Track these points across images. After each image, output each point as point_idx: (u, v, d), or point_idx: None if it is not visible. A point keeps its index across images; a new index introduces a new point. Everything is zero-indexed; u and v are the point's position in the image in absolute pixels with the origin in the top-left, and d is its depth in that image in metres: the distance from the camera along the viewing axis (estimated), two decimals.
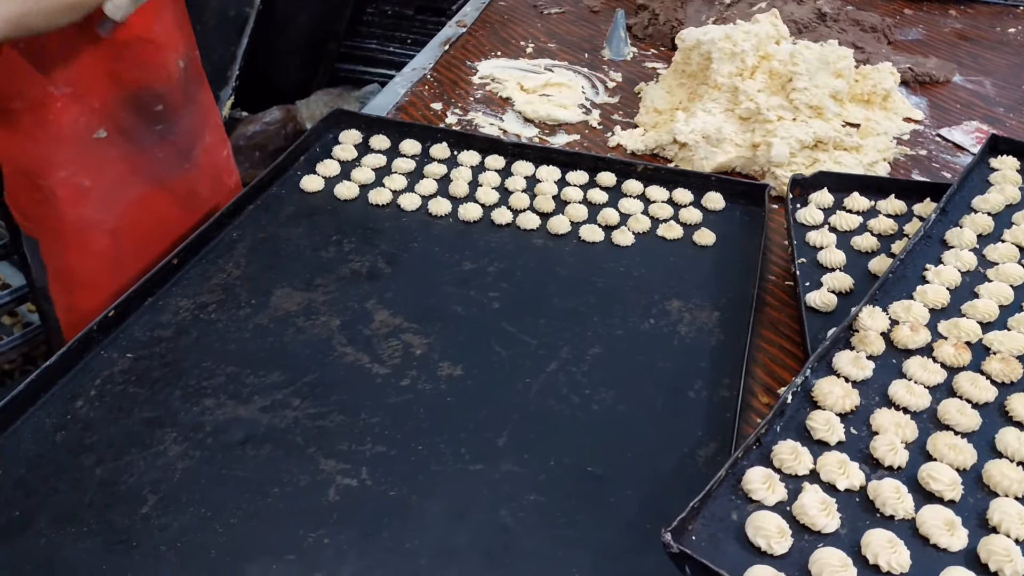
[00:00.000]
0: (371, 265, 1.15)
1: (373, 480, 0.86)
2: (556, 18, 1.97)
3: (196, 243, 1.14)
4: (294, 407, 0.94)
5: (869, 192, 1.23)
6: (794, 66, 1.40)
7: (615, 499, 0.86)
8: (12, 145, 1.18)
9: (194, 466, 0.87)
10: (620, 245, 1.22)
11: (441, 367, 1.00)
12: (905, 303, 0.97)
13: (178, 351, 1.00)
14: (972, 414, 0.84)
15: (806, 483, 0.76)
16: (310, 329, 1.04)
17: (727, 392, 0.98)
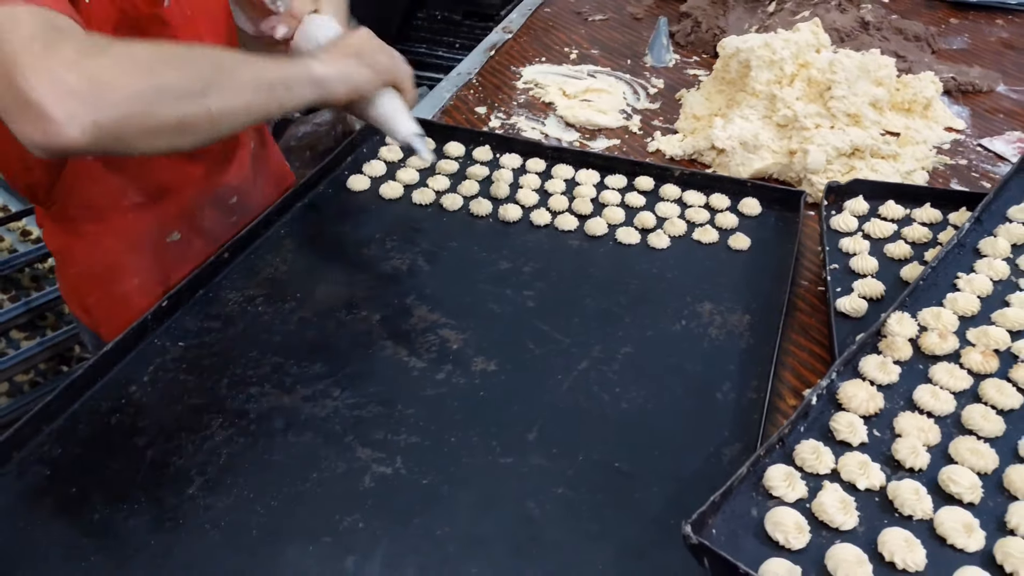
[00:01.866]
0: (411, 262, 1.19)
1: (407, 469, 0.90)
2: (599, 24, 2.00)
3: (245, 239, 1.19)
4: (334, 397, 0.98)
5: (904, 200, 1.24)
6: (833, 74, 1.41)
7: (640, 495, 0.89)
8: (78, 251, 1.17)
9: (238, 450, 0.91)
10: (655, 248, 1.24)
11: (476, 362, 1.03)
12: (935, 310, 0.99)
13: (226, 341, 1.05)
14: (996, 420, 0.85)
15: (826, 482, 0.78)
16: (351, 323, 1.08)
17: (754, 394, 1.00)
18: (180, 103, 0.82)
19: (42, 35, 0.75)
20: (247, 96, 0.89)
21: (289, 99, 0.95)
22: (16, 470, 0.88)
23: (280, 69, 0.95)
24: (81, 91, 0.74)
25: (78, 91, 0.74)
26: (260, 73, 0.92)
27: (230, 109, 0.88)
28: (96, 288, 1.21)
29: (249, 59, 0.92)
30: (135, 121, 0.79)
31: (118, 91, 0.77)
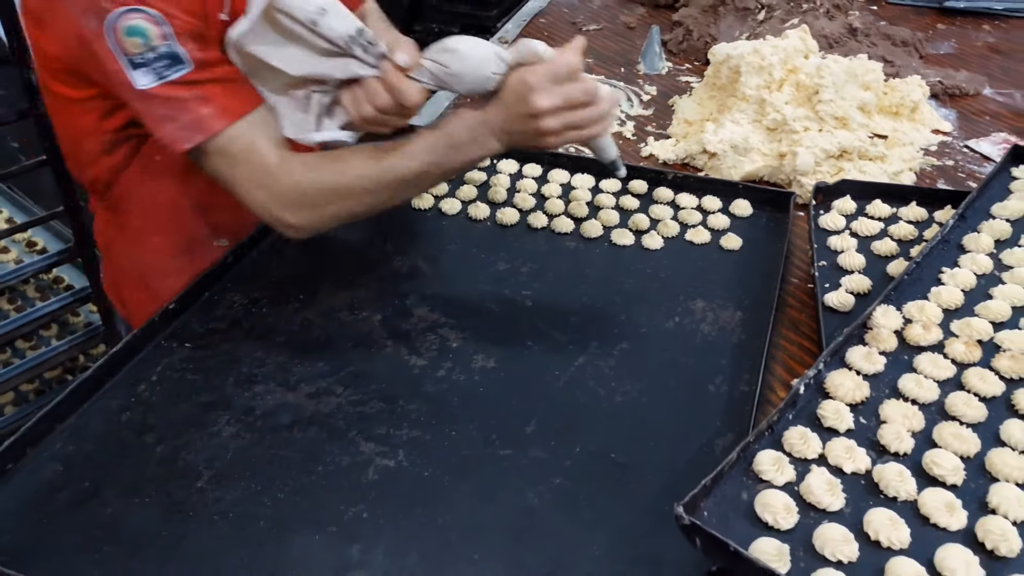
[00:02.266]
0: (412, 265, 1.22)
1: (409, 462, 0.93)
2: (593, 34, 2.04)
3: (249, 244, 1.22)
4: (337, 394, 1.01)
5: (891, 199, 1.27)
6: (820, 79, 1.45)
7: (635, 484, 0.91)
8: (125, 245, 1.24)
9: (245, 446, 0.94)
10: (649, 248, 1.27)
11: (475, 359, 1.06)
12: (919, 303, 1.02)
13: (231, 341, 1.08)
14: (979, 407, 0.88)
15: (814, 466, 0.81)
16: (353, 323, 1.11)
17: (746, 387, 1.03)
18: (358, 217, 1.08)
19: (254, 168, 1.01)
20: (411, 197, 1.14)
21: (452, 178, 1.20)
22: (31, 466, 0.91)
23: (447, 166, 1.05)
24: (295, 229, 1.05)
25: (293, 229, 1.05)
26: (442, 172, 1.06)
27: (399, 206, 1.11)
28: (136, 283, 1.27)
29: (419, 174, 1.04)
30: (332, 229, 1.09)
31: (318, 225, 1.06)
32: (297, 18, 0.96)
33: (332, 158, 1.04)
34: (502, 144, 1.02)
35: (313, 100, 1.06)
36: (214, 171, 1.03)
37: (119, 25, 0.93)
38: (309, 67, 1.01)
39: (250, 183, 1.02)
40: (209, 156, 1.01)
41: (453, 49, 1.01)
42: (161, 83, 0.96)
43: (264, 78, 1.04)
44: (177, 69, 0.96)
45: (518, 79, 0.98)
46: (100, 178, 1.19)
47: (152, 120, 0.99)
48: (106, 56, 0.95)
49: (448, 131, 1.02)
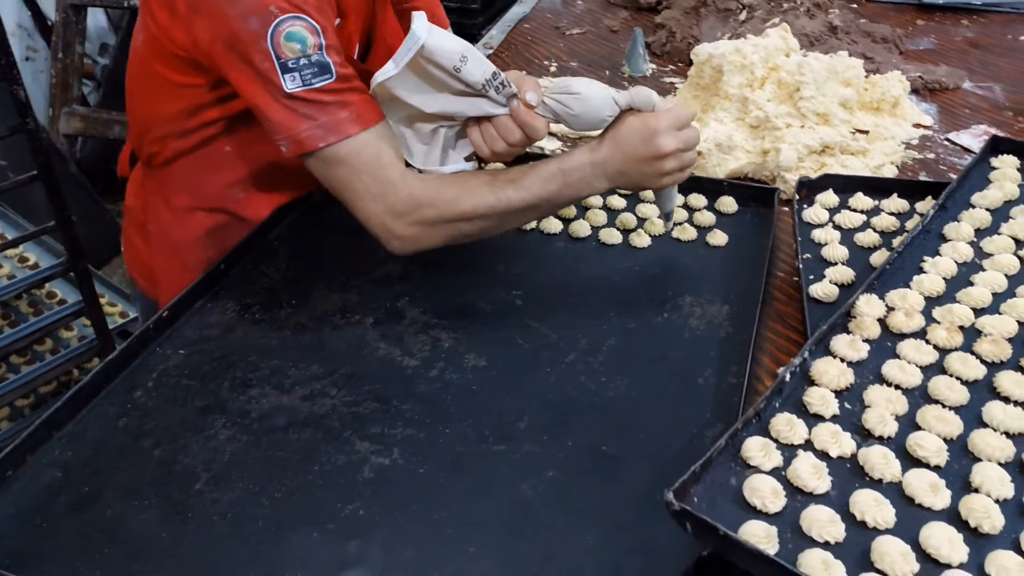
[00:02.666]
0: (403, 268, 1.24)
1: (404, 460, 0.94)
2: (578, 38, 2.06)
3: (241, 250, 1.24)
4: (332, 396, 1.02)
5: (873, 192, 1.30)
6: (801, 76, 1.47)
7: (627, 475, 0.93)
8: (165, 219, 1.30)
9: (242, 448, 0.95)
10: (637, 247, 1.29)
11: (467, 359, 1.08)
12: (901, 291, 1.03)
13: (226, 347, 1.09)
14: (961, 390, 0.90)
15: (800, 451, 0.82)
16: (346, 326, 1.13)
17: (734, 379, 1.04)
18: (470, 239, 1.12)
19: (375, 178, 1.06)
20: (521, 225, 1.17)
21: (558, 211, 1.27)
22: (30, 473, 0.92)
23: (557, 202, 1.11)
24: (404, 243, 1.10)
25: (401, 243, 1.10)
26: (551, 206, 1.13)
27: (507, 230, 1.15)
28: (169, 256, 1.32)
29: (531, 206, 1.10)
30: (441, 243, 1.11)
31: (428, 243, 1.10)
32: (442, 65, 1.02)
33: (451, 181, 1.09)
34: (610, 184, 1.10)
35: (440, 134, 1.13)
36: (333, 178, 1.08)
37: (281, 29, 1.00)
38: (443, 106, 1.08)
39: (369, 193, 1.06)
40: (332, 164, 1.06)
41: (576, 92, 1.07)
42: (306, 88, 1.02)
43: (393, 110, 1.10)
44: (323, 79, 1.03)
45: (642, 124, 1.06)
46: (160, 155, 1.25)
47: (287, 119, 1.03)
48: (258, 56, 1.01)
49: (563, 168, 1.08)
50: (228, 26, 1.01)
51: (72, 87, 3.11)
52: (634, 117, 1.07)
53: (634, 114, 1.08)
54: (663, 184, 1.11)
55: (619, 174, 1.08)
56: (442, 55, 1.01)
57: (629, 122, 1.07)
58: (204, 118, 1.20)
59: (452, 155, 1.15)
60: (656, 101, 1.07)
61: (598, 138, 1.10)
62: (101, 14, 3.51)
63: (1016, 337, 0.98)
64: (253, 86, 1.04)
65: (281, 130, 1.04)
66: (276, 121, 1.04)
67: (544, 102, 1.09)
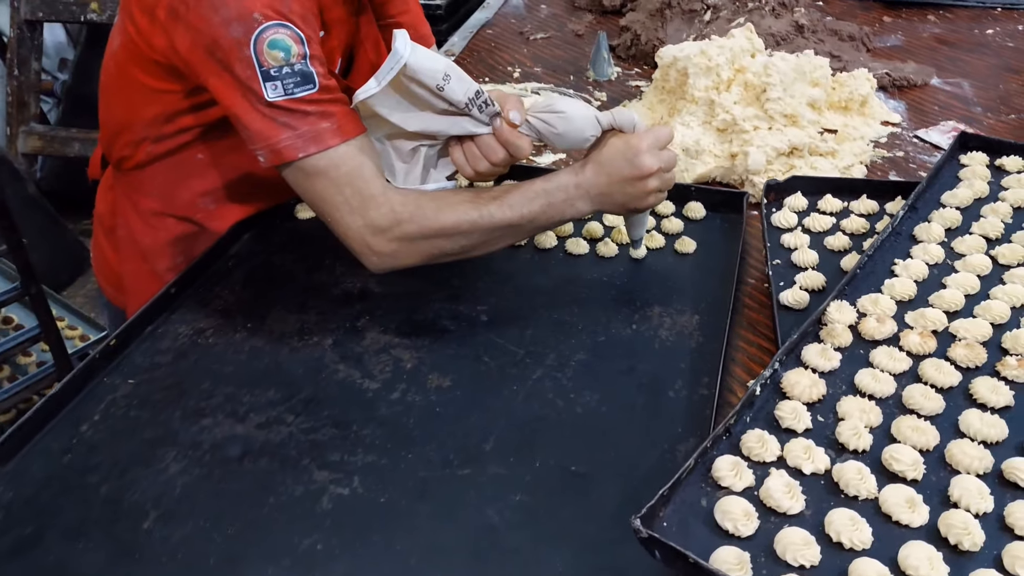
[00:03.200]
0: (362, 286, 1.20)
1: (364, 488, 0.90)
2: (542, 43, 2.03)
3: (193, 272, 1.19)
4: (288, 423, 0.98)
5: (842, 194, 1.27)
6: (767, 77, 1.45)
7: (597, 495, 0.89)
8: (135, 224, 1.27)
9: (193, 481, 0.91)
10: (604, 256, 1.26)
11: (430, 379, 1.04)
12: (873, 296, 1.01)
13: (177, 375, 1.05)
14: (936, 398, 0.87)
15: (773, 469, 0.79)
16: (303, 348, 1.09)
17: (706, 391, 1.01)
18: (449, 259, 1.08)
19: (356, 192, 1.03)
20: (502, 247, 1.10)
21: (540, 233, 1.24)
22: None
23: (539, 223, 1.08)
24: (383, 260, 1.06)
25: (380, 259, 1.06)
26: (534, 227, 1.09)
27: (488, 254, 1.11)
28: (137, 262, 1.29)
29: (513, 226, 1.06)
30: (420, 261, 1.07)
31: (407, 260, 1.06)
32: (424, 83, 1.00)
33: (433, 196, 1.07)
34: (592, 207, 1.08)
35: (421, 153, 1.10)
36: (312, 191, 1.04)
37: (264, 37, 0.98)
38: (425, 124, 1.06)
39: (349, 207, 1.03)
40: (312, 176, 1.03)
41: (561, 111, 1.06)
42: (287, 98, 1.00)
43: (374, 127, 1.07)
44: (306, 89, 1.00)
45: (625, 145, 1.05)
46: (132, 158, 1.22)
47: (266, 127, 1.01)
48: (239, 63, 0.99)
49: (547, 188, 1.06)
50: (210, 32, 0.99)
51: (29, 105, 3.04)
52: (616, 138, 1.06)
53: (616, 135, 1.07)
54: (647, 204, 1.09)
55: (602, 196, 1.07)
56: (425, 73, 0.99)
57: (611, 143, 1.06)
58: (179, 124, 1.18)
59: (433, 174, 1.13)
60: (637, 121, 1.07)
61: (581, 160, 1.08)
62: (59, 29, 3.44)
63: (990, 341, 0.95)
64: (232, 94, 1.01)
65: (259, 139, 1.01)
66: (255, 130, 1.01)
67: (527, 121, 1.08)
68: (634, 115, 1.07)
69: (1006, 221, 1.14)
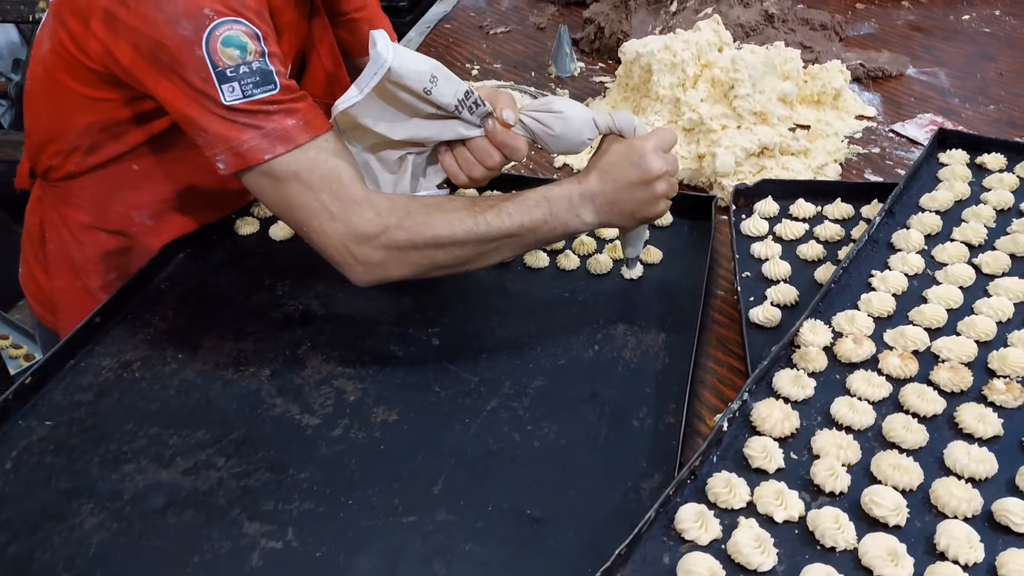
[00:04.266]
0: (304, 308, 1.12)
1: (299, 541, 0.82)
2: (502, 37, 1.95)
3: (121, 297, 1.11)
4: (218, 467, 0.90)
5: (815, 197, 1.20)
6: (736, 73, 1.37)
7: (554, 542, 0.82)
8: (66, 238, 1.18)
9: (110, 538, 0.83)
10: (565, 269, 1.18)
11: (375, 413, 0.96)
12: (849, 314, 0.94)
13: (99, 415, 0.96)
14: (919, 429, 0.80)
15: (741, 518, 0.72)
16: (238, 381, 1.00)
17: (672, 418, 0.94)
18: (442, 272, 0.99)
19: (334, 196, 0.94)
20: (499, 260, 1.01)
21: (542, 247, 1.14)
22: None
23: (540, 234, 0.99)
24: (369, 271, 0.97)
25: (366, 270, 0.97)
26: (535, 239, 1.00)
27: (484, 267, 1.02)
28: (69, 278, 1.21)
29: (512, 236, 0.98)
30: (407, 280, 0.99)
31: (396, 271, 0.97)
32: (410, 88, 0.92)
33: (424, 202, 0.98)
34: (598, 217, 1.00)
35: (408, 161, 1.03)
36: (283, 198, 0.96)
37: (217, 34, 0.90)
38: (413, 131, 0.99)
39: (328, 213, 0.94)
40: (283, 180, 0.94)
41: (558, 111, 0.99)
42: (246, 100, 0.92)
43: (355, 138, 1.00)
44: (266, 89, 0.92)
45: (628, 148, 0.98)
46: (61, 168, 1.14)
47: (226, 128, 0.92)
48: (191, 66, 0.91)
49: (549, 196, 0.98)
50: (154, 34, 0.91)
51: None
52: (618, 143, 0.99)
53: (616, 139, 0.99)
54: (656, 211, 1.01)
55: (609, 204, 0.99)
56: (410, 77, 0.91)
57: (614, 148, 0.99)
58: (118, 134, 1.10)
59: (423, 183, 1.06)
60: (637, 124, 1.00)
61: (583, 170, 1.01)
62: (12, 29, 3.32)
63: (976, 361, 0.89)
64: (184, 100, 0.93)
65: (219, 142, 0.93)
66: (213, 132, 0.93)
67: (521, 120, 1.00)
68: (634, 118, 1.00)
69: (989, 226, 1.07)
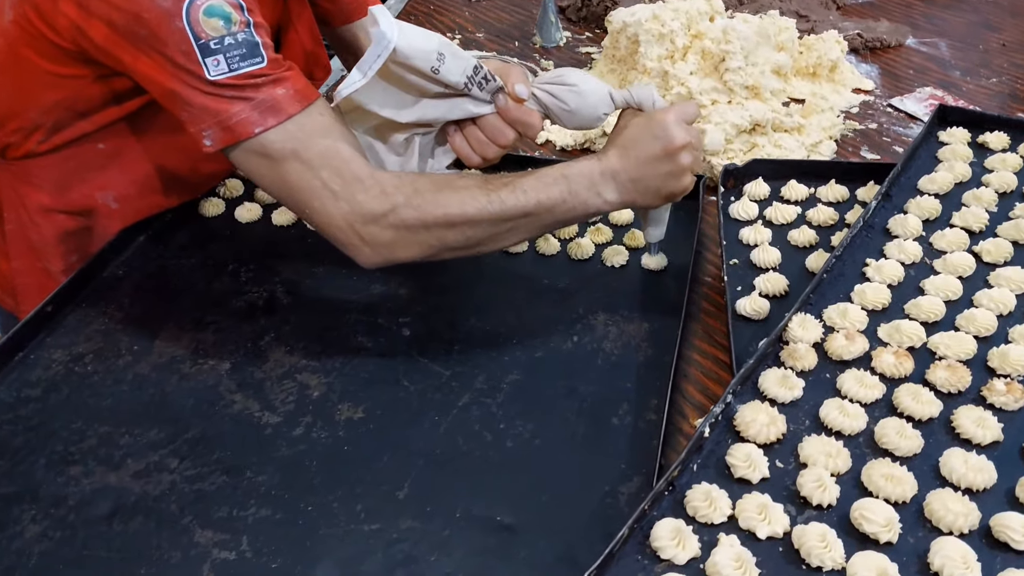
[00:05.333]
0: (269, 295, 1.06)
1: (253, 551, 0.77)
2: (485, 5, 1.87)
3: (75, 285, 1.05)
4: (171, 469, 0.85)
5: (808, 179, 1.14)
6: (727, 44, 1.30)
7: (526, 553, 0.77)
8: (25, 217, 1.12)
9: (53, 547, 0.78)
10: (545, 255, 1.13)
11: (340, 410, 0.91)
12: (841, 307, 0.88)
13: (46, 412, 0.91)
14: (913, 435, 0.75)
15: (722, 534, 0.67)
16: (196, 375, 0.95)
17: (654, 415, 0.89)
18: (454, 254, 0.93)
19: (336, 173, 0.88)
20: (515, 241, 0.96)
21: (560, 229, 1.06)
22: None
23: (559, 215, 0.93)
24: (377, 252, 0.91)
25: (373, 251, 0.91)
26: (553, 219, 0.93)
27: (498, 250, 0.97)
28: (30, 260, 1.15)
29: (529, 215, 0.91)
30: (416, 262, 0.93)
31: (405, 253, 0.91)
32: (417, 68, 0.87)
33: (431, 179, 0.93)
34: (621, 196, 0.93)
35: (415, 143, 0.99)
36: (279, 177, 0.90)
37: (199, 4, 0.85)
38: (421, 114, 0.94)
39: (330, 191, 0.89)
40: (278, 158, 0.89)
41: (573, 84, 0.94)
42: (232, 75, 0.87)
43: (358, 120, 0.95)
44: (252, 63, 0.87)
45: (649, 121, 0.92)
46: (21, 147, 1.07)
47: (213, 102, 0.87)
48: (172, 40, 0.86)
49: (567, 174, 0.92)
50: (130, 8, 0.86)
51: None
52: (638, 117, 0.94)
53: (635, 114, 0.94)
54: (683, 186, 0.94)
55: (632, 182, 0.92)
56: (417, 56, 0.85)
57: (633, 123, 0.93)
58: (84, 113, 1.03)
59: (432, 164, 1.02)
60: (657, 97, 0.94)
61: (603, 148, 0.95)
62: None
63: (975, 358, 0.83)
64: (166, 77, 0.88)
65: (206, 117, 0.87)
66: (199, 106, 0.87)
67: (534, 95, 0.95)
68: (654, 90, 0.94)
69: (990, 210, 1.01)
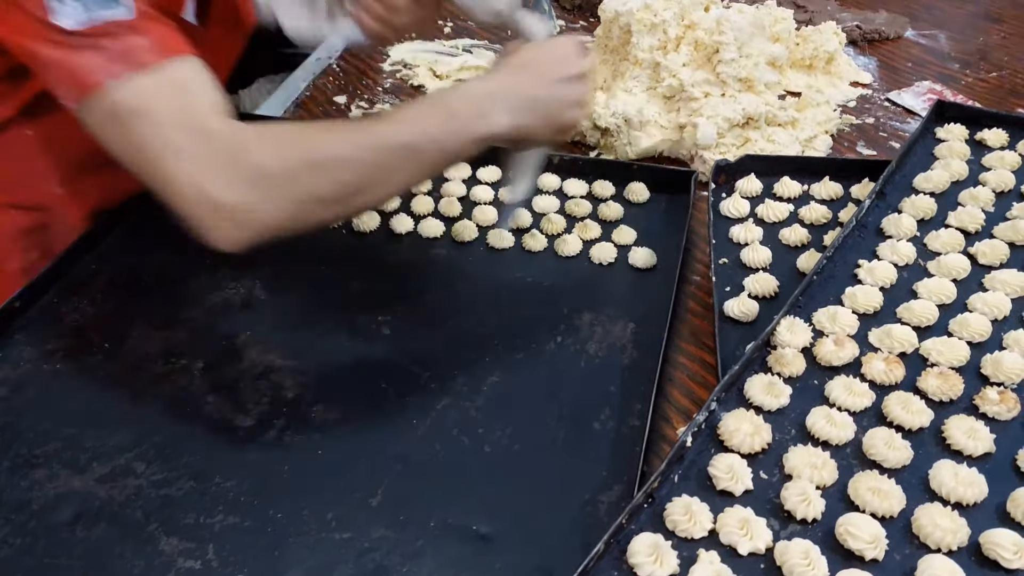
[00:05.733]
0: (247, 292, 1.03)
1: (219, 560, 0.75)
2: None
3: (46, 279, 1.02)
4: (138, 474, 0.82)
5: (802, 175, 1.11)
6: (721, 35, 1.27)
7: (502, 564, 0.75)
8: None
9: (12, 555, 0.75)
10: (531, 251, 1.10)
11: (314, 412, 0.88)
12: (831, 310, 0.86)
13: (11, 413, 0.88)
14: (902, 446, 0.72)
15: (702, 550, 0.65)
16: (168, 375, 0.92)
17: (637, 421, 0.86)
18: (329, 208, 0.82)
19: (185, 129, 0.78)
20: (399, 185, 0.87)
21: (449, 165, 0.99)
22: None
23: (445, 143, 0.84)
24: (235, 219, 0.78)
25: (232, 219, 0.78)
26: (439, 151, 0.84)
27: (381, 199, 0.92)
28: None
29: (411, 148, 0.82)
30: (285, 229, 0.81)
31: (269, 213, 0.79)
32: None
33: (300, 127, 0.88)
34: (512, 119, 0.85)
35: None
36: (124, 137, 0.80)
37: None
38: None
39: (174, 151, 0.77)
40: (123, 114, 0.78)
41: None
42: (91, 24, 0.77)
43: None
44: (113, 10, 0.78)
45: (551, 43, 0.92)
46: None
47: (64, 56, 0.78)
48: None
49: (447, 99, 0.86)
50: None
51: None
52: (535, 43, 0.92)
53: (525, 42, 0.93)
54: (575, 117, 0.90)
55: (524, 102, 0.86)
56: None
57: (530, 45, 0.92)
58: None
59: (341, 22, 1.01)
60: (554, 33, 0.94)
61: (490, 68, 0.91)
62: None
63: (968, 365, 0.81)
64: (24, 34, 0.80)
65: (58, 71, 0.80)
66: (52, 61, 0.79)
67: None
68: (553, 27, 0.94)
69: (987, 210, 0.99)
